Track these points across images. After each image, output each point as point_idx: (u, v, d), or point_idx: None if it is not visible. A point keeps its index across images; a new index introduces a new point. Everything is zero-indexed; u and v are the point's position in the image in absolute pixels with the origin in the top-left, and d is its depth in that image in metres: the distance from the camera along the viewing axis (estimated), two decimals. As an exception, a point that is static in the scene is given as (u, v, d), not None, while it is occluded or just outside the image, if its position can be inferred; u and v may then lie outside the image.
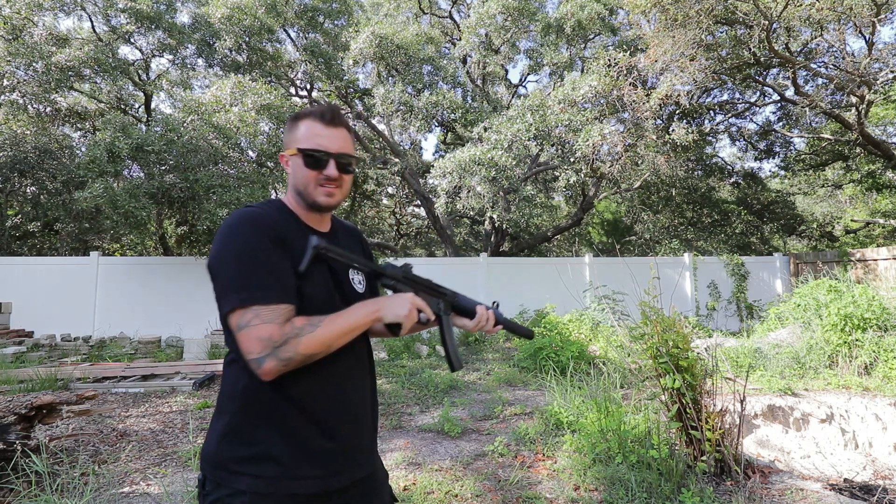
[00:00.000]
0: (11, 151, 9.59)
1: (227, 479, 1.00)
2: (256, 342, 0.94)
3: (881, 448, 3.82)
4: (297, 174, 1.13)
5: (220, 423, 1.05)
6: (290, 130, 1.17)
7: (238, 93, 9.21)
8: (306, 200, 1.14)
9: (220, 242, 1.01)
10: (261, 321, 0.95)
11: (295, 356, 0.96)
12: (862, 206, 17.76)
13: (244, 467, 1.00)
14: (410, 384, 5.49)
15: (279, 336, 0.95)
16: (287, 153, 1.15)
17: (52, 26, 10.77)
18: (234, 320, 0.96)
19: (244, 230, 1.00)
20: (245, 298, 0.95)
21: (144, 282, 9.03)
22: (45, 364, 6.08)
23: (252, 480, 0.99)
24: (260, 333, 0.94)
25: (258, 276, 0.97)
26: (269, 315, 0.95)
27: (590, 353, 6.15)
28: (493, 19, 11.33)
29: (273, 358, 0.94)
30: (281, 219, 1.08)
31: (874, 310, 5.19)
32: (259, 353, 0.94)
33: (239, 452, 1.01)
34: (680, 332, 3.00)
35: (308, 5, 12.66)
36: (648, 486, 2.72)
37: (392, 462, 3.33)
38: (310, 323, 0.99)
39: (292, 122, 1.18)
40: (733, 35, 9.70)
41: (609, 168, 10.07)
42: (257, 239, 1.00)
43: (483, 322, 1.29)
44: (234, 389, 1.05)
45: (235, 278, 0.97)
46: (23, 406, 2.97)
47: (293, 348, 0.95)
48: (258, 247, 0.99)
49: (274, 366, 0.94)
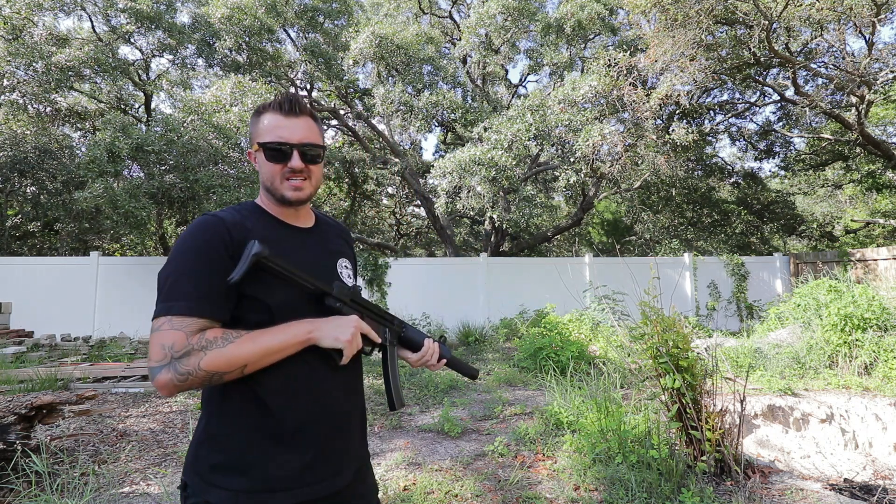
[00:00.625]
0: (11, 151, 9.59)
1: (203, 489, 0.98)
2: (158, 349, 0.89)
3: (881, 448, 3.82)
4: (262, 170, 1.09)
5: (200, 428, 1.04)
6: (254, 125, 1.12)
7: (238, 93, 9.21)
8: (274, 196, 1.10)
9: (172, 250, 1.00)
10: (169, 327, 0.91)
11: (195, 371, 0.89)
12: (862, 206, 17.76)
13: (216, 478, 0.97)
14: (410, 384, 5.49)
15: (181, 346, 0.89)
16: (254, 148, 1.11)
17: (52, 26, 10.77)
18: (152, 325, 0.94)
19: (188, 239, 0.98)
20: (163, 308, 0.93)
21: (144, 282, 9.02)
22: (45, 364, 6.08)
23: (221, 494, 0.96)
24: (164, 340, 0.90)
25: (185, 286, 0.94)
26: (181, 323, 0.91)
27: (590, 353, 6.15)
28: (493, 19, 11.33)
29: (170, 369, 0.88)
30: (247, 222, 1.04)
31: (874, 310, 5.19)
32: (158, 361, 0.89)
33: (212, 459, 0.99)
34: (680, 332, 3.00)
35: (308, 5, 12.66)
36: (648, 486, 2.72)
37: (392, 462, 3.33)
38: (223, 337, 0.92)
39: (255, 116, 1.13)
40: (733, 35, 9.70)
41: (609, 168, 10.07)
42: (198, 249, 0.96)
43: (427, 357, 1.22)
44: (210, 394, 1.03)
45: (164, 287, 0.95)
46: (23, 406, 2.97)
47: (194, 362, 0.89)
48: (197, 256, 0.96)
49: (169, 379, 0.88)
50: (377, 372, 6.15)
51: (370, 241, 13.86)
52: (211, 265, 0.96)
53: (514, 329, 8.74)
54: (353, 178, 13.85)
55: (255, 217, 1.08)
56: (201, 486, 0.98)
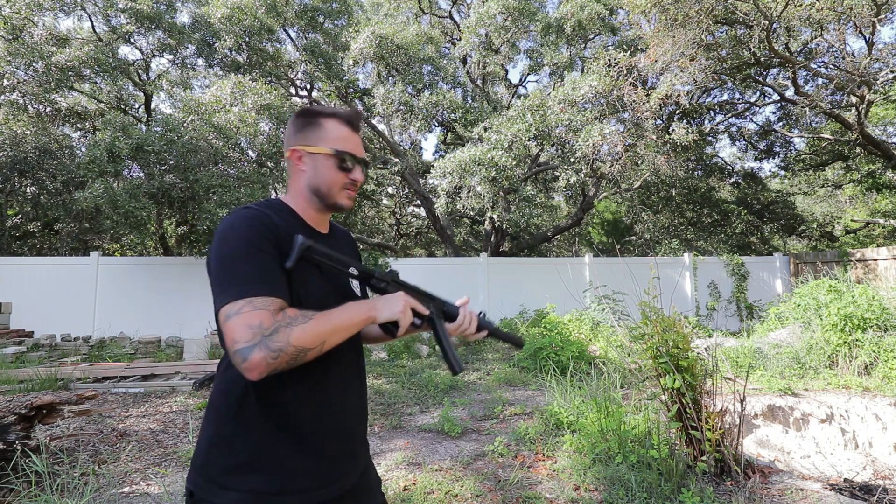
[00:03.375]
0: (11, 151, 9.59)
1: (211, 492, 0.97)
2: (245, 329, 0.87)
3: (881, 448, 3.82)
4: (322, 174, 1.11)
5: (210, 431, 1.02)
6: (312, 128, 1.13)
7: (238, 93, 9.21)
8: (326, 202, 1.12)
9: (217, 241, 0.99)
10: (252, 308, 0.90)
11: (286, 347, 0.89)
12: (862, 206, 17.76)
13: (232, 480, 0.96)
14: (410, 384, 5.49)
15: (270, 323, 0.89)
16: (310, 150, 1.11)
17: (52, 26, 10.77)
18: (224, 311, 0.91)
19: (240, 229, 0.98)
20: (238, 292, 0.92)
21: (144, 282, 9.02)
22: (45, 364, 6.08)
23: (238, 496, 0.95)
24: (250, 320, 0.88)
25: (252, 272, 0.94)
26: (262, 303, 0.91)
27: (590, 353, 6.16)
28: (493, 19, 11.33)
29: (262, 348, 0.87)
30: (279, 219, 1.06)
31: (874, 310, 5.19)
32: (247, 341, 0.87)
33: (228, 461, 0.98)
34: (680, 332, 3.00)
35: (308, 5, 12.66)
36: (648, 486, 2.72)
37: (392, 462, 3.33)
38: (302, 315, 0.94)
39: (312, 118, 1.13)
40: (733, 35, 9.69)
41: (609, 168, 10.07)
42: (253, 238, 0.97)
43: (465, 325, 1.23)
44: (228, 396, 1.02)
45: (231, 275, 0.94)
46: (23, 406, 2.97)
47: (284, 338, 0.89)
48: (253, 245, 0.97)
49: (262, 357, 0.86)
50: (376, 372, 6.17)
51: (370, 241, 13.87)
52: (270, 252, 0.98)
53: (514, 329, 8.73)
54: (353, 178, 13.77)
55: (286, 217, 1.10)
56: (212, 490, 0.97)
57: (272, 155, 9.31)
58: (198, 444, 1.04)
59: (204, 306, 8.85)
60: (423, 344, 7.81)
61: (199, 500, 0.98)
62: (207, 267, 1.00)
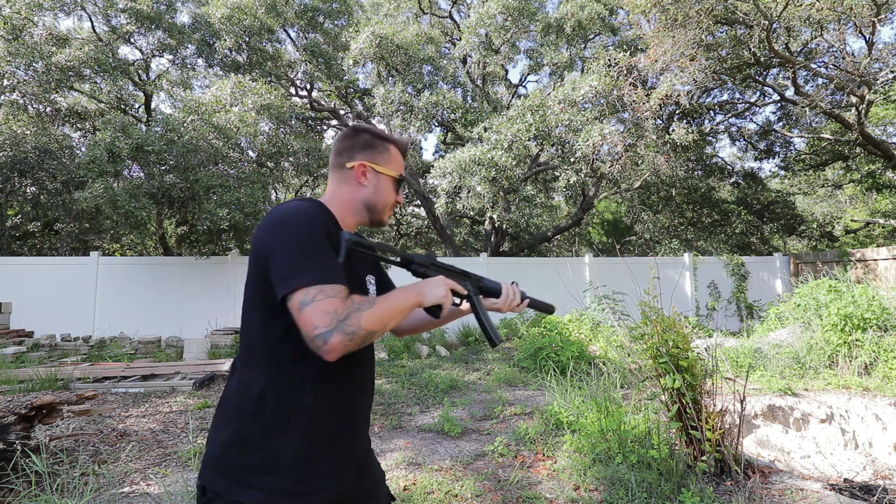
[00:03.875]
0: (11, 151, 9.58)
1: (233, 490, 0.98)
2: (323, 315, 0.93)
3: (881, 448, 3.82)
4: (382, 193, 1.21)
5: (229, 429, 1.02)
6: (381, 150, 1.22)
7: (238, 93, 9.21)
8: (374, 217, 1.22)
9: (280, 228, 1.02)
10: (325, 296, 0.95)
11: (358, 331, 0.95)
12: (862, 206, 17.76)
13: (253, 478, 0.98)
14: (410, 384, 5.49)
15: (342, 309, 0.95)
16: (379, 169, 1.20)
17: (52, 26, 10.76)
18: (297, 298, 0.95)
19: (305, 219, 1.03)
20: (311, 279, 0.96)
21: (144, 282, 9.02)
22: (45, 364, 6.08)
23: (255, 495, 0.97)
24: (325, 307, 0.94)
25: (323, 261, 0.99)
26: (333, 290, 0.96)
27: (590, 353, 6.15)
28: (493, 19, 11.33)
29: (339, 332, 0.93)
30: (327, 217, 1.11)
31: (874, 310, 5.18)
32: (326, 326, 0.92)
33: (248, 460, 0.99)
34: (680, 332, 3.00)
35: (308, 5, 12.66)
36: (648, 486, 2.72)
37: (392, 462, 3.33)
38: (367, 301, 1.00)
39: (381, 141, 1.23)
40: (733, 35, 9.69)
41: (609, 168, 10.07)
42: (319, 229, 1.03)
43: (511, 299, 1.36)
44: (247, 394, 1.03)
45: (304, 261, 0.98)
46: (23, 406, 2.97)
47: (357, 322, 0.95)
48: (321, 236, 1.02)
49: (340, 340, 0.93)
50: (376, 372, 6.17)
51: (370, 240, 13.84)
52: (328, 244, 1.04)
53: (514, 329, 8.73)
54: (353, 178, 13.76)
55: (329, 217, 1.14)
56: (230, 487, 0.98)
57: (272, 155, 9.30)
58: (211, 442, 1.04)
59: (204, 306, 8.85)
60: (422, 344, 7.81)
61: (214, 497, 0.99)
62: (264, 250, 1.02)
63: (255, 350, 1.04)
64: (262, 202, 8.33)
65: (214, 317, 8.80)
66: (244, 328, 1.07)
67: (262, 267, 1.02)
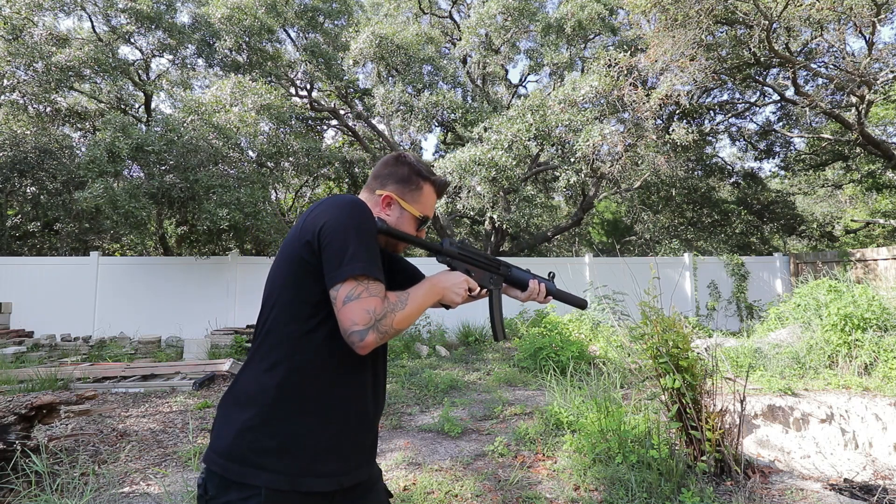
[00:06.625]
0: (11, 151, 9.58)
1: (243, 474, 0.99)
2: (363, 314, 0.99)
3: (881, 448, 3.82)
4: (400, 227, 1.25)
5: (247, 414, 1.04)
6: (413, 186, 1.25)
7: (238, 93, 9.21)
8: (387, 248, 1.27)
9: (339, 215, 1.06)
10: (369, 294, 1.01)
11: (390, 330, 1.02)
12: (862, 206, 17.76)
13: (265, 460, 1.00)
14: (410, 384, 5.48)
15: (381, 310, 1.01)
16: (403, 205, 1.24)
17: (52, 26, 10.76)
18: (345, 290, 1.00)
19: (362, 211, 1.09)
20: (365, 269, 1.01)
21: (144, 282, 9.02)
22: (45, 364, 6.08)
23: (271, 476, 0.99)
24: (367, 306, 1.00)
25: (368, 255, 1.04)
26: (376, 289, 1.02)
27: (590, 353, 6.15)
28: (494, 19, 11.32)
29: (374, 331, 0.99)
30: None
31: (874, 310, 5.18)
32: (365, 324, 0.98)
33: (265, 443, 1.02)
34: (680, 332, 3.00)
35: (308, 5, 12.65)
36: (648, 486, 2.72)
37: (392, 462, 3.33)
38: (399, 299, 1.06)
39: (417, 177, 1.26)
40: (733, 35, 9.69)
41: (609, 168, 10.06)
42: (370, 224, 1.09)
43: (534, 295, 1.41)
44: (266, 383, 1.05)
45: (358, 250, 1.03)
46: (23, 406, 2.97)
47: (390, 322, 1.01)
48: (370, 230, 1.08)
49: (374, 338, 0.99)
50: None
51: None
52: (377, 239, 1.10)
53: (514, 329, 8.73)
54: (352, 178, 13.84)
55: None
56: (244, 472, 1.00)
57: (272, 155, 9.29)
58: (220, 430, 1.06)
59: (204, 306, 8.85)
60: (422, 344, 7.81)
61: (227, 485, 1.00)
62: (322, 234, 1.04)
63: (280, 338, 1.06)
64: (262, 202, 8.33)
65: (214, 317, 8.80)
66: (267, 317, 1.10)
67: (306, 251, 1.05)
